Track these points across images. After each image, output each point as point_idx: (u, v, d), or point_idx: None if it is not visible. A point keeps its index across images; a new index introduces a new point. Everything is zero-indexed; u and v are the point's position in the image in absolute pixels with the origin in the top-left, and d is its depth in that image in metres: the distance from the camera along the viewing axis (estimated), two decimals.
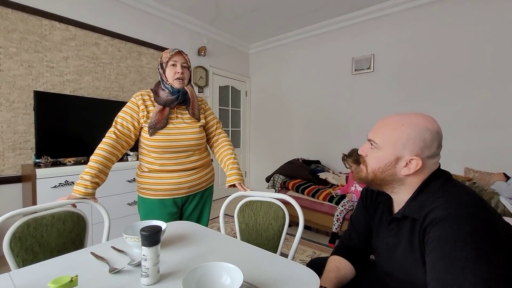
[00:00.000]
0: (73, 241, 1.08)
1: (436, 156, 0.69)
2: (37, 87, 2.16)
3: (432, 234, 0.61)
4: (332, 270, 0.86)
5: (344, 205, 2.34)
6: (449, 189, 0.65)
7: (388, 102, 3.01)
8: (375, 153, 0.73)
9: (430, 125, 0.68)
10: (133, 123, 1.24)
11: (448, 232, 0.58)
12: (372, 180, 0.74)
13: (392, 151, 0.69)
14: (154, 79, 2.99)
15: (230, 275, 0.61)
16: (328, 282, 0.81)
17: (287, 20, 3.37)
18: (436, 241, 0.59)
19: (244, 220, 1.31)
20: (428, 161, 0.68)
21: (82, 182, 1.09)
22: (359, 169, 0.79)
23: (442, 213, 0.60)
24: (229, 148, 1.41)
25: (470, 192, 0.64)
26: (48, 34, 2.22)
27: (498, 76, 2.38)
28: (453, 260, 0.55)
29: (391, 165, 0.70)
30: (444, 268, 0.57)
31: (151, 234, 0.65)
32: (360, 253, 0.93)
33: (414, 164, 0.66)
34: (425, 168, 0.68)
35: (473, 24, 2.48)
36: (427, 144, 0.66)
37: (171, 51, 1.26)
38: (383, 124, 0.74)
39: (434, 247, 0.60)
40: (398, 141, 0.68)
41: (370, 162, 0.74)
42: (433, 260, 0.59)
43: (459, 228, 0.57)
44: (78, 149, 2.24)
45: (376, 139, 0.73)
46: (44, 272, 0.72)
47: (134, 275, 0.71)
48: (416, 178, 0.69)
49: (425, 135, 0.66)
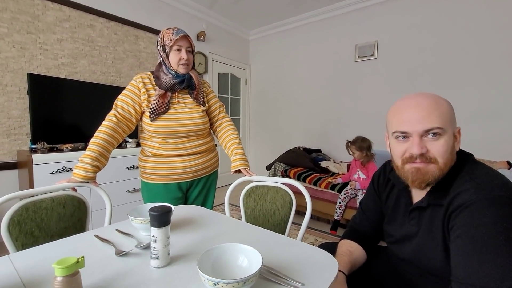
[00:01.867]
0: (75, 225, 1.04)
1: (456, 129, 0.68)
2: (30, 70, 2.07)
3: (459, 220, 0.57)
4: (345, 253, 0.83)
5: (346, 193, 2.33)
6: (477, 172, 0.61)
7: (391, 90, 2.96)
8: (440, 141, 0.63)
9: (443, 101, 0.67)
10: (134, 106, 1.18)
11: (478, 217, 0.54)
12: (438, 177, 0.64)
13: (450, 129, 0.64)
14: (152, 64, 2.89)
15: (247, 257, 0.58)
16: (343, 266, 0.78)
17: (288, 5, 3.27)
18: (464, 227, 0.56)
19: (250, 206, 1.28)
20: (458, 136, 0.67)
21: (82, 166, 1.04)
22: (425, 171, 0.64)
23: (471, 197, 0.56)
24: (233, 133, 1.36)
25: (498, 175, 0.60)
26: (41, 14, 2.11)
27: (502, 64, 2.34)
28: (484, 247, 0.52)
29: (452, 145, 0.64)
30: (472, 255, 0.54)
31: (161, 214, 0.61)
32: (370, 238, 0.90)
33: (458, 136, 0.67)
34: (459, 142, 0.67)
35: (478, 12, 2.42)
36: (453, 117, 0.66)
37: (175, 33, 1.16)
38: (430, 106, 0.63)
39: (461, 233, 0.56)
40: (451, 117, 0.64)
41: (441, 154, 0.63)
42: (460, 246, 0.56)
43: (490, 212, 0.53)
44: (75, 135, 2.18)
45: (439, 124, 0.62)
46: (46, 255, 0.68)
47: (142, 257, 0.67)
48: (451, 153, 0.66)
49: (452, 109, 0.66)
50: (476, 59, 2.46)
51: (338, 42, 3.33)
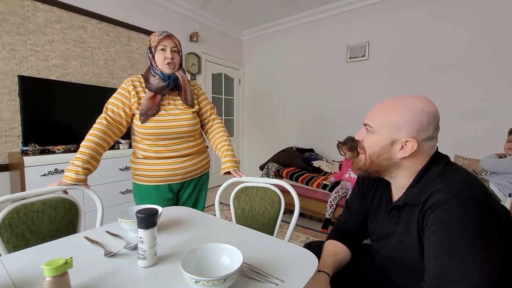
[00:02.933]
0: (66, 228, 1.06)
1: (433, 139, 0.68)
2: (21, 71, 2.06)
3: (432, 218, 0.61)
4: (330, 255, 0.86)
5: (337, 192, 2.37)
6: (450, 173, 0.65)
7: (382, 90, 3.02)
8: (370, 137, 0.72)
9: (426, 107, 0.67)
10: (125, 109, 1.20)
11: (448, 216, 0.58)
12: (370, 167, 0.74)
13: (388, 134, 0.68)
14: (144, 65, 2.90)
15: (229, 256, 0.61)
16: (327, 266, 0.81)
17: (281, 6, 3.30)
18: (436, 225, 0.59)
19: (240, 206, 1.31)
20: (425, 144, 0.67)
21: (73, 168, 1.06)
22: (358, 159, 0.78)
23: (444, 197, 0.59)
24: (223, 135, 1.38)
25: (471, 176, 0.64)
26: (31, 15, 2.11)
27: (488, 66, 2.41)
28: (453, 245, 0.56)
29: (386, 149, 0.69)
30: (443, 252, 0.57)
31: (148, 216, 0.64)
32: (355, 237, 0.93)
33: (410, 146, 0.66)
34: (421, 151, 0.68)
35: (467, 14, 2.48)
36: (423, 127, 0.66)
37: (160, 34, 1.20)
38: (379, 108, 0.73)
39: (434, 231, 0.60)
40: (394, 124, 0.67)
41: (367, 147, 0.74)
42: (432, 243, 0.60)
43: (460, 212, 0.57)
44: (67, 137, 2.18)
45: (371, 123, 0.72)
46: (37, 256, 0.70)
47: (130, 258, 0.70)
48: (413, 161, 0.69)
49: (421, 117, 0.66)
50: (464, 61, 2.52)
51: (330, 43, 3.37)
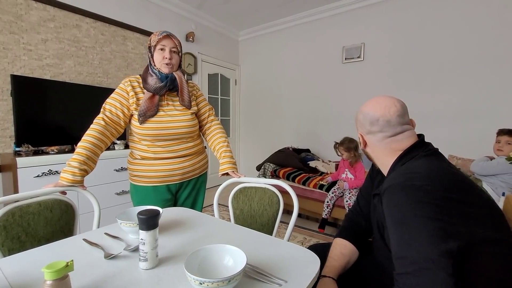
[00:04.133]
0: (62, 230, 1.04)
1: (374, 132, 0.77)
2: (14, 71, 2.02)
3: (383, 203, 0.66)
4: (337, 258, 0.86)
5: (334, 192, 2.39)
6: (411, 163, 0.69)
7: (378, 91, 3.05)
8: None
9: (363, 107, 0.81)
10: (123, 110, 1.19)
11: (387, 202, 0.64)
12: None
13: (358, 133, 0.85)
14: (140, 65, 2.87)
15: (232, 256, 0.61)
16: (333, 272, 0.81)
17: (277, 6, 3.31)
18: (386, 209, 0.64)
19: (239, 206, 1.31)
20: (370, 137, 0.79)
21: (70, 169, 1.04)
22: None
23: (386, 185, 0.66)
24: (221, 136, 1.38)
25: (421, 165, 0.66)
26: (24, 14, 2.07)
27: (482, 67, 2.46)
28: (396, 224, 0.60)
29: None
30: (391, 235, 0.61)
31: (150, 218, 0.63)
32: (364, 234, 0.93)
33: (360, 139, 0.83)
34: (371, 143, 0.79)
35: (460, 16, 2.52)
36: (362, 123, 0.80)
37: (160, 34, 1.20)
38: None
39: (387, 214, 0.64)
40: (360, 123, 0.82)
41: None
42: (387, 227, 0.64)
43: (392, 196, 0.62)
44: (61, 137, 2.14)
45: None
46: (35, 259, 0.68)
47: (131, 260, 0.69)
48: (371, 152, 0.83)
49: (358, 116, 0.82)
50: (457, 62, 2.57)
51: (326, 44, 3.40)
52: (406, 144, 0.73)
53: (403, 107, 0.76)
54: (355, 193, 2.29)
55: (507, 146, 1.78)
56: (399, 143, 0.74)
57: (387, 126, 0.74)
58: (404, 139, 0.74)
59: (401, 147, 0.74)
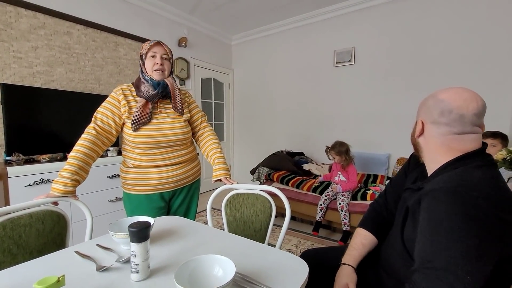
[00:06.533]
0: (54, 241, 1.04)
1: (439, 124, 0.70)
2: (3, 79, 2.00)
3: (421, 207, 0.63)
4: (357, 247, 0.89)
5: (327, 195, 2.42)
6: (468, 171, 0.62)
7: (369, 94, 3.10)
8: None
9: (438, 93, 0.72)
10: (114, 118, 1.19)
11: (430, 205, 0.60)
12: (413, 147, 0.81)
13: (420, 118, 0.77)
14: (132, 70, 2.87)
15: (222, 266, 0.62)
16: (352, 260, 0.85)
17: (269, 11, 3.34)
18: (428, 211, 0.61)
19: (232, 213, 1.32)
20: (432, 127, 0.71)
21: (61, 180, 1.04)
22: None
23: (433, 186, 0.62)
24: (214, 142, 1.40)
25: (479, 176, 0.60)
26: (13, 21, 2.06)
27: (471, 71, 2.52)
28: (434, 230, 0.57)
29: (413, 129, 0.79)
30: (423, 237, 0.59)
31: (140, 230, 0.64)
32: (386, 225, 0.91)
33: (419, 126, 0.75)
34: (429, 134, 0.72)
35: (450, 19, 2.59)
36: (428, 109, 0.72)
37: (151, 42, 1.23)
38: None
39: (426, 215, 0.61)
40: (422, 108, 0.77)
41: None
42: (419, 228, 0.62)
43: (440, 199, 0.58)
44: (53, 146, 2.13)
45: None
46: (27, 274, 0.69)
47: (123, 272, 0.70)
48: (424, 142, 0.75)
49: (428, 101, 0.74)
50: (448, 65, 2.62)
51: (318, 48, 3.44)
52: (468, 147, 0.66)
53: (483, 107, 0.67)
54: (348, 195, 2.33)
55: (492, 149, 1.82)
56: (461, 143, 0.67)
57: (457, 121, 0.66)
58: (468, 141, 0.67)
59: (461, 148, 0.67)
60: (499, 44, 2.38)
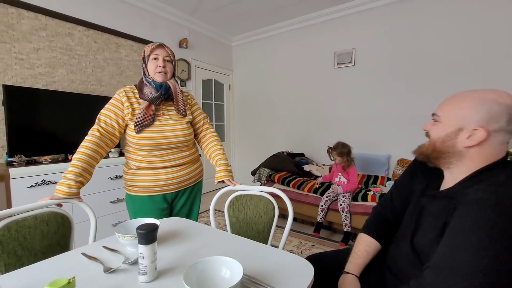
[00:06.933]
0: (58, 243, 1.04)
1: (504, 132, 0.63)
2: (5, 80, 2.00)
3: (455, 214, 0.60)
4: (361, 255, 0.86)
5: (328, 196, 2.43)
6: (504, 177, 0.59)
7: (369, 95, 3.12)
8: (436, 125, 0.72)
9: (500, 98, 0.63)
10: (118, 120, 1.20)
11: (467, 215, 0.57)
12: (431, 153, 0.71)
13: (454, 121, 0.67)
14: (133, 72, 2.88)
15: (229, 268, 0.63)
16: (356, 269, 0.83)
17: (270, 12, 3.36)
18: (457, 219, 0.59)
19: (235, 214, 1.33)
20: (496, 136, 0.63)
21: (66, 182, 1.04)
22: (421, 145, 0.76)
23: (474, 197, 0.58)
24: (217, 144, 1.40)
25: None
26: (15, 23, 2.06)
27: (471, 71, 2.54)
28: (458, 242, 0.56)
29: (451, 136, 0.67)
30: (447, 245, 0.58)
31: (149, 232, 0.65)
32: (391, 228, 0.90)
33: (479, 135, 0.63)
34: (491, 143, 0.64)
35: (451, 20, 2.60)
36: (493, 116, 0.62)
37: (153, 44, 1.24)
38: (448, 99, 0.72)
39: (452, 225, 0.60)
40: (460, 111, 0.66)
41: (432, 134, 0.73)
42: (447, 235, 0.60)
43: (478, 213, 0.56)
44: (55, 147, 2.13)
45: (438, 112, 0.72)
46: (35, 276, 0.69)
47: (130, 273, 0.70)
48: (480, 153, 0.65)
49: (491, 106, 0.63)
50: (449, 65, 2.63)
51: (318, 49, 3.46)
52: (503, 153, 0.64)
53: None
54: (348, 196, 2.34)
55: None
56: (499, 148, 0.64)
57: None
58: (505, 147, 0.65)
59: (498, 154, 0.64)
60: (499, 44, 2.40)
